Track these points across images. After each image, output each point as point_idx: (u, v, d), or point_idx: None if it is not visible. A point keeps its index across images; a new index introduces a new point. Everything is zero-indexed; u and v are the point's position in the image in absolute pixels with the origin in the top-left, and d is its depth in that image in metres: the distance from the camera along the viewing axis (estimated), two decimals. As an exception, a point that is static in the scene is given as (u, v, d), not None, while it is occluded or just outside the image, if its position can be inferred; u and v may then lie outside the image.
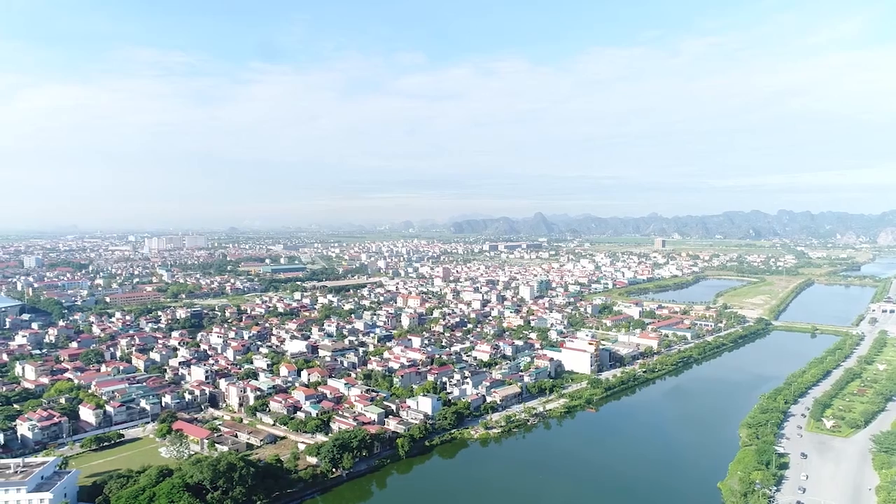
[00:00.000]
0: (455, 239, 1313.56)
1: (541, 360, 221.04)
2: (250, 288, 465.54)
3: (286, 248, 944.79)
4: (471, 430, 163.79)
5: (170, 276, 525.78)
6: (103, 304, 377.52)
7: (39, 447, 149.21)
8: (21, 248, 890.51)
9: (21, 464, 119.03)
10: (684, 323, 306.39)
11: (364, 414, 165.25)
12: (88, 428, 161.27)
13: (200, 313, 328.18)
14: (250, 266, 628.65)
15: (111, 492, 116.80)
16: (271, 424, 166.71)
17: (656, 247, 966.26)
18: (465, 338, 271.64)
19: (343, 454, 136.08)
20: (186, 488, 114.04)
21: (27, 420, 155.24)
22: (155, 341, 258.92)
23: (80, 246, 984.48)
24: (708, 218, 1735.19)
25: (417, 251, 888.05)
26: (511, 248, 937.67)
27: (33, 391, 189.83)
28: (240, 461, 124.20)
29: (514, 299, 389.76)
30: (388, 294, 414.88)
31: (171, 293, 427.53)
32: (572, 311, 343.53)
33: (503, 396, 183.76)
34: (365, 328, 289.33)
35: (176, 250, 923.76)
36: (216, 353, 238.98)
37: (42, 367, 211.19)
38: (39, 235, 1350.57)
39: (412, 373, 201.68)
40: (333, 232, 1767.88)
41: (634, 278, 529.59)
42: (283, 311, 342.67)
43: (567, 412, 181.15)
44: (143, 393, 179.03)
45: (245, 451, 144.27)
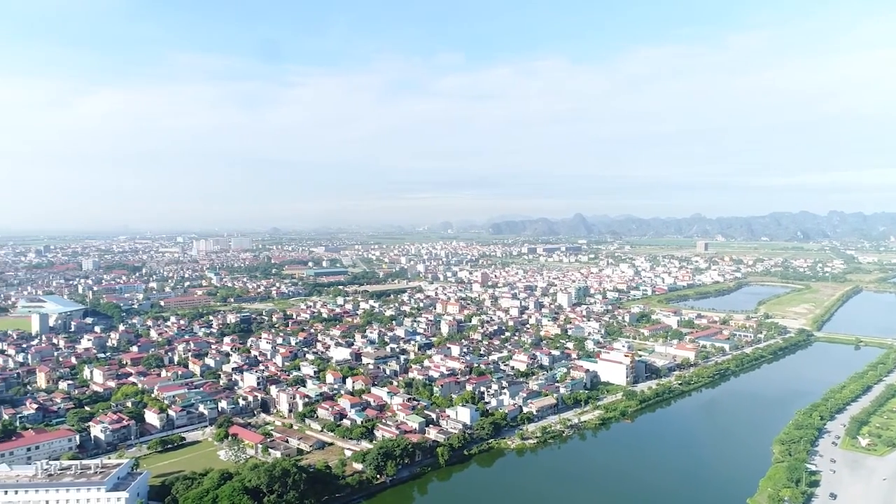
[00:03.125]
0: (493, 240, 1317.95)
1: (577, 372, 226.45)
2: (294, 292, 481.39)
3: (328, 251, 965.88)
4: (507, 441, 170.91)
5: (218, 280, 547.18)
6: (158, 307, 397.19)
7: (111, 448, 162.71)
8: (78, 250, 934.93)
9: (100, 465, 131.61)
10: (723, 333, 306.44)
11: (406, 422, 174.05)
12: (153, 431, 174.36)
13: (249, 318, 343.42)
14: (294, 269, 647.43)
15: (178, 493, 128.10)
16: (319, 430, 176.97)
17: (698, 250, 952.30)
18: (502, 346, 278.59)
19: (387, 461, 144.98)
20: (245, 491, 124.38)
21: (99, 423, 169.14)
22: (209, 346, 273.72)
23: (132, 247, 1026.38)
24: (753, 219, 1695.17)
25: (456, 254, 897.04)
26: (550, 250, 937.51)
27: (102, 394, 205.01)
28: (292, 466, 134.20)
29: (551, 306, 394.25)
30: (428, 300, 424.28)
31: (221, 297, 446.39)
32: (610, 320, 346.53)
33: (539, 407, 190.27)
34: (406, 335, 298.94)
35: (222, 252, 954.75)
36: (266, 360, 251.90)
37: (108, 370, 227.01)
38: (93, 236, 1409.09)
39: (451, 382, 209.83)
40: (373, 233, 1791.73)
41: (674, 284, 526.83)
42: (327, 317, 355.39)
43: (602, 424, 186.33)
44: (202, 398, 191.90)
45: (296, 457, 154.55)
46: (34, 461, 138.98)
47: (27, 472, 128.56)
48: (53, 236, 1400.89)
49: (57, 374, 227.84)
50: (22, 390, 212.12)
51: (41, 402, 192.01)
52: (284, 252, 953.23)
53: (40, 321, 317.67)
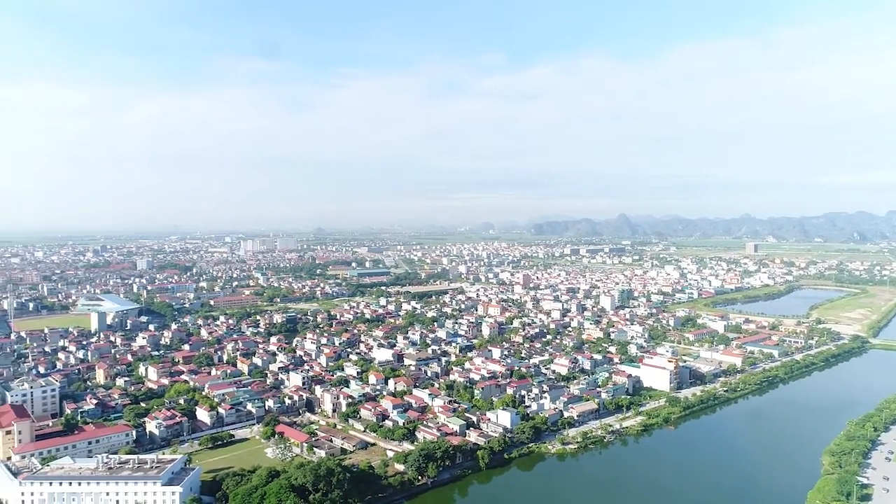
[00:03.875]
0: (535, 241, 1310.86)
1: (619, 376, 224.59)
2: (338, 293, 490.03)
3: (370, 251, 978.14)
4: (548, 445, 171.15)
5: (265, 280, 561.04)
6: (208, 307, 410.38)
7: (164, 443, 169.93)
8: (132, 249, 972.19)
9: (155, 459, 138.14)
10: (772, 339, 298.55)
11: (447, 425, 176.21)
12: (204, 427, 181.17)
13: (295, 318, 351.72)
14: (338, 270, 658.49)
15: (228, 488, 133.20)
16: (362, 431, 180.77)
17: (747, 252, 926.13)
18: (544, 349, 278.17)
19: (428, 463, 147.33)
20: (292, 489, 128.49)
21: (154, 419, 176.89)
22: (256, 346, 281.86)
23: (182, 247, 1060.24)
24: (806, 219, 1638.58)
25: (498, 254, 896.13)
26: (593, 251, 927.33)
27: (156, 391, 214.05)
28: (337, 466, 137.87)
29: (594, 309, 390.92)
30: (469, 301, 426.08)
31: (267, 297, 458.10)
32: (654, 324, 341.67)
33: (580, 412, 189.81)
34: (447, 337, 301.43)
35: (269, 252, 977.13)
36: (311, 360, 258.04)
37: (162, 368, 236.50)
38: (146, 236, 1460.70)
39: (492, 385, 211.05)
40: (415, 233, 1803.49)
41: (722, 287, 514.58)
42: (370, 318, 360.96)
43: (644, 430, 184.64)
44: (250, 397, 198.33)
45: (339, 456, 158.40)
46: (95, 454, 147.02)
47: (89, 464, 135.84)
48: (109, 236, 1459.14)
49: (114, 371, 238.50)
50: (82, 386, 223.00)
51: (100, 398, 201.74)
52: (328, 252, 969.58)
53: (98, 319, 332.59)
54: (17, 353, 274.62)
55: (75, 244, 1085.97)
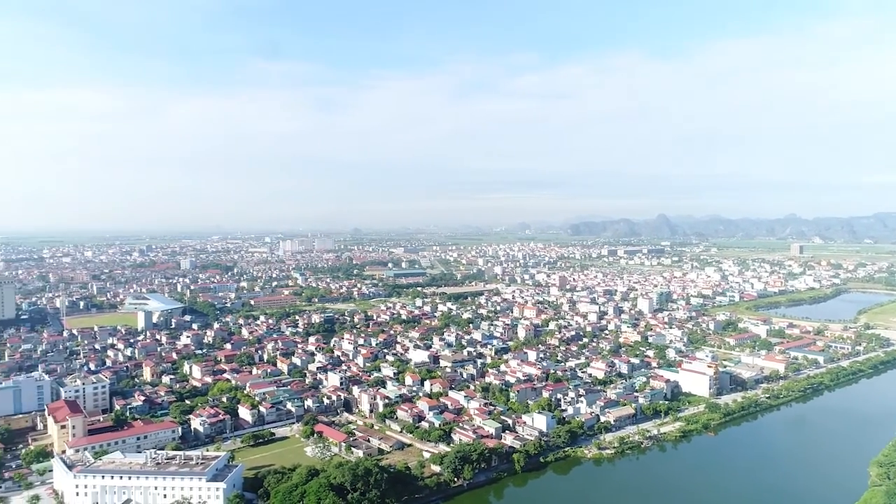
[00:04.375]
0: (572, 242, 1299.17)
1: (657, 381, 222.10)
2: (375, 293, 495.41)
3: (406, 251, 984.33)
4: (584, 449, 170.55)
5: (303, 280, 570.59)
6: (248, 306, 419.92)
7: (208, 440, 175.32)
8: (176, 249, 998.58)
9: (200, 456, 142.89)
10: (817, 345, 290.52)
11: (482, 427, 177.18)
12: (246, 425, 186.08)
13: (332, 318, 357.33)
14: (374, 270, 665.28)
15: (270, 486, 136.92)
16: (398, 431, 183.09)
17: (792, 253, 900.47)
18: (580, 353, 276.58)
19: (464, 465, 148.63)
20: (331, 488, 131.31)
21: (198, 416, 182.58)
22: (295, 345, 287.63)
23: (224, 247, 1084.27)
24: (855, 220, 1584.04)
25: (534, 255, 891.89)
26: (631, 252, 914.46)
27: (200, 389, 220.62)
28: (374, 466, 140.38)
29: (631, 312, 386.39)
30: (505, 303, 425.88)
31: (306, 297, 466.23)
32: (693, 327, 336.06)
33: (617, 417, 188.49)
34: (483, 339, 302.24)
35: (307, 252, 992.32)
36: (348, 360, 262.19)
37: (205, 366, 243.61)
38: (189, 236, 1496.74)
39: (528, 388, 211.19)
40: (451, 233, 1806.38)
41: (764, 290, 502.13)
42: (406, 319, 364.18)
43: (683, 436, 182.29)
44: (289, 396, 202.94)
45: (377, 456, 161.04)
46: (143, 450, 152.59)
47: (138, 459, 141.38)
48: (154, 236, 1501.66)
49: (160, 369, 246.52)
50: (131, 383, 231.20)
51: (147, 395, 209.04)
52: (365, 252, 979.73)
53: (145, 318, 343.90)
54: (69, 350, 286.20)
55: (122, 244, 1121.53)
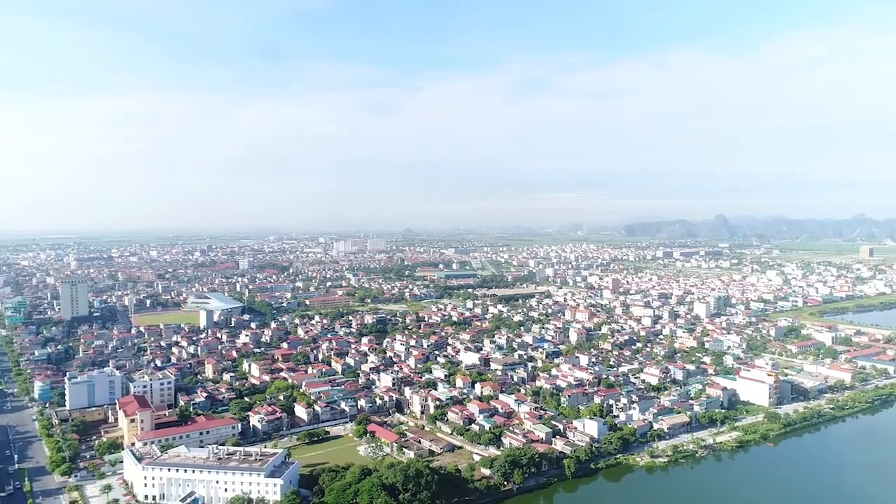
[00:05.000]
0: (626, 243, 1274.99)
1: (713, 389, 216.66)
2: (426, 294, 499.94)
3: (457, 252, 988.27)
4: (636, 457, 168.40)
5: (356, 281, 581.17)
6: (304, 306, 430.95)
7: (266, 437, 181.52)
8: (235, 249, 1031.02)
9: (259, 453, 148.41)
10: (887, 354, 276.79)
11: (533, 431, 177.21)
12: (301, 423, 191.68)
13: (385, 319, 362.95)
14: (426, 271, 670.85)
15: (324, 483, 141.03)
16: (449, 434, 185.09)
17: (862, 256, 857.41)
18: (633, 358, 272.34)
19: (514, 469, 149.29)
20: (383, 488, 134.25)
21: (257, 413, 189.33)
22: (349, 346, 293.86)
23: (280, 248, 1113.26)
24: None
25: (586, 257, 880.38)
26: (687, 255, 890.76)
27: (258, 387, 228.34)
28: (425, 467, 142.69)
29: (687, 316, 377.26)
30: (557, 305, 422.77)
31: (359, 297, 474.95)
32: (752, 333, 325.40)
33: (671, 425, 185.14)
34: (534, 342, 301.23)
35: (360, 253, 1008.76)
36: (400, 361, 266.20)
37: (263, 365, 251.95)
38: (247, 236, 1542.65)
39: (579, 393, 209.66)
40: (502, 234, 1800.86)
41: (830, 295, 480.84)
42: (457, 320, 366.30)
43: (740, 446, 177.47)
44: (343, 396, 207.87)
45: (428, 457, 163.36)
46: (205, 444, 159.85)
47: (201, 454, 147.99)
48: (214, 236, 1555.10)
49: (221, 366, 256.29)
50: (193, 379, 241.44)
51: (209, 391, 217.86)
52: (416, 253, 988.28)
53: (206, 317, 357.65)
54: (137, 346, 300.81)
55: (184, 244, 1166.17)
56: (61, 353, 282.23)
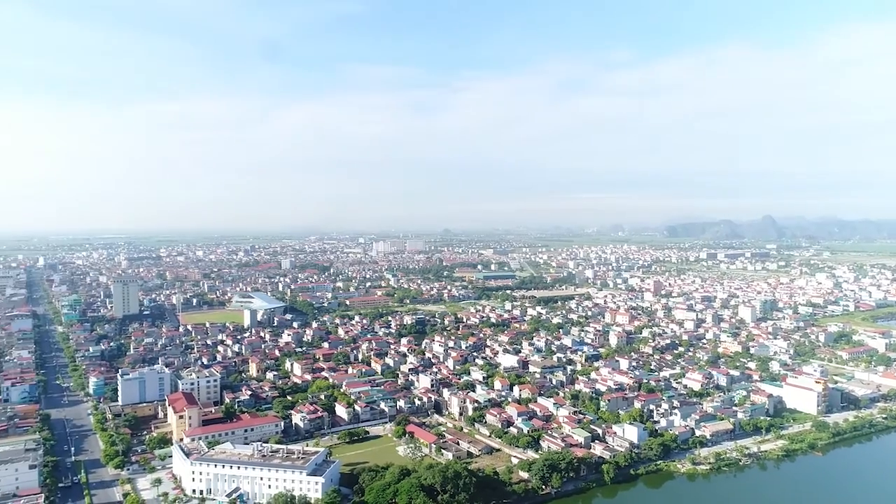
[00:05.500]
0: (668, 244, 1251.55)
1: (758, 396, 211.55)
2: (465, 295, 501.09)
3: (496, 253, 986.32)
4: (677, 464, 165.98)
5: (395, 281, 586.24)
6: (344, 306, 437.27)
7: (308, 435, 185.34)
8: (277, 249, 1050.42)
9: (302, 451, 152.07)
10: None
11: (571, 436, 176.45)
12: (342, 423, 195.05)
13: (424, 320, 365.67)
14: (464, 272, 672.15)
15: (364, 482, 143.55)
16: (487, 436, 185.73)
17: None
18: (675, 362, 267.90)
19: (552, 473, 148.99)
20: (422, 488, 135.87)
21: (299, 412, 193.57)
22: (388, 346, 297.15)
23: (321, 248, 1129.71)
24: None
25: (627, 258, 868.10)
26: (732, 256, 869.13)
27: (300, 385, 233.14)
28: (464, 469, 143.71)
29: (732, 320, 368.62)
30: (596, 308, 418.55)
31: (398, 298, 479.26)
32: (800, 339, 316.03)
33: (713, 432, 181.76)
34: (573, 345, 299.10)
35: (398, 253, 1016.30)
36: (439, 362, 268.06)
37: (305, 364, 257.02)
38: (289, 237, 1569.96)
39: (619, 398, 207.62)
40: (541, 234, 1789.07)
41: (884, 300, 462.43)
42: (496, 322, 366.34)
43: (786, 455, 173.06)
44: (383, 396, 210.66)
45: (466, 459, 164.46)
46: (250, 441, 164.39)
47: (246, 451, 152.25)
48: (257, 236, 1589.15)
49: (264, 365, 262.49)
50: (238, 377, 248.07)
51: (253, 389, 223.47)
52: (455, 254, 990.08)
53: (250, 316, 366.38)
54: (184, 344, 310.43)
55: (228, 244, 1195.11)
56: (114, 350, 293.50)
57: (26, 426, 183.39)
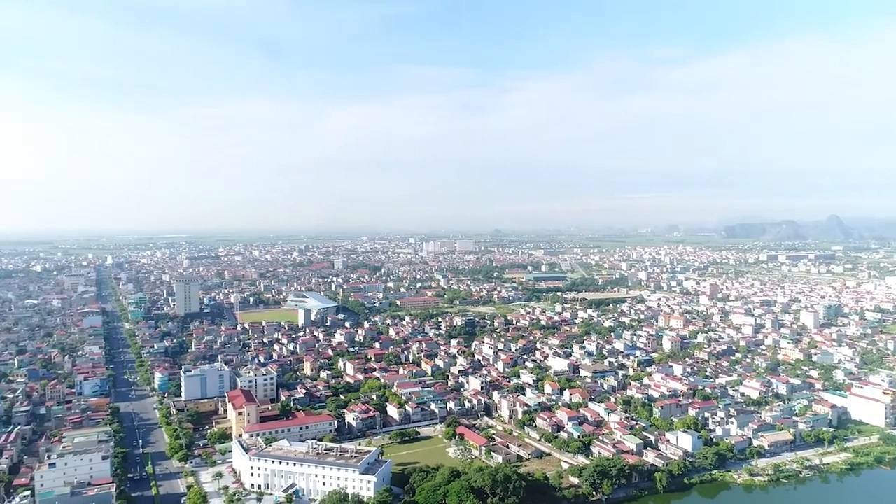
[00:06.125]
0: (726, 245, 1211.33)
1: (821, 406, 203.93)
2: (514, 297, 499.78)
3: (546, 254, 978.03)
4: (733, 474, 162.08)
5: (445, 282, 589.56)
6: (395, 307, 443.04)
7: (360, 434, 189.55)
8: (330, 249, 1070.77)
9: (354, 450, 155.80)
10: None
11: (623, 442, 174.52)
12: (393, 423, 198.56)
13: (473, 322, 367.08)
14: (514, 273, 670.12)
15: (415, 482, 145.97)
16: (537, 440, 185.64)
17: None
18: (731, 369, 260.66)
19: (603, 480, 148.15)
20: (471, 491, 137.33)
21: (352, 411, 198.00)
22: (438, 347, 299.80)
23: (372, 248, 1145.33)
24: None
25: (682, 260, 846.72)
26: (794, 258, 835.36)
27: (352, 385, 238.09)
28: (514, 473, 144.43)
29: (793, 326, 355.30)
30: (650, 311, 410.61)
31: (448, 299, 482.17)
32: (867, 347, 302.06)
33: (772, 442, 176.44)
34: (625, 349, 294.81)
35: (448, 253, 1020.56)
36: (488, 364, 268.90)
37: (357, 364, 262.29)
38: (341, 237, 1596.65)
39: (673, 404, 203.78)
40: (592, 235, 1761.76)
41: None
42: (546, 325, 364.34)
43: (850, 469, 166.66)
44: (433, 397, 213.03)
45: (515, 463, 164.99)
46: (304, 439, 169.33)
47: (301, 448, 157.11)
48: (311, 236, 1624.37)
49: (318, 364, 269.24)
50: (293, 376, 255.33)
51: (308, 388, 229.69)
52: (504, 255, 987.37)
53: (304, 315, 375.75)
54: (242, 342, 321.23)
55: (283, 244, 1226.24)
56: (176, 347, 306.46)
57: (98, 419, 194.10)
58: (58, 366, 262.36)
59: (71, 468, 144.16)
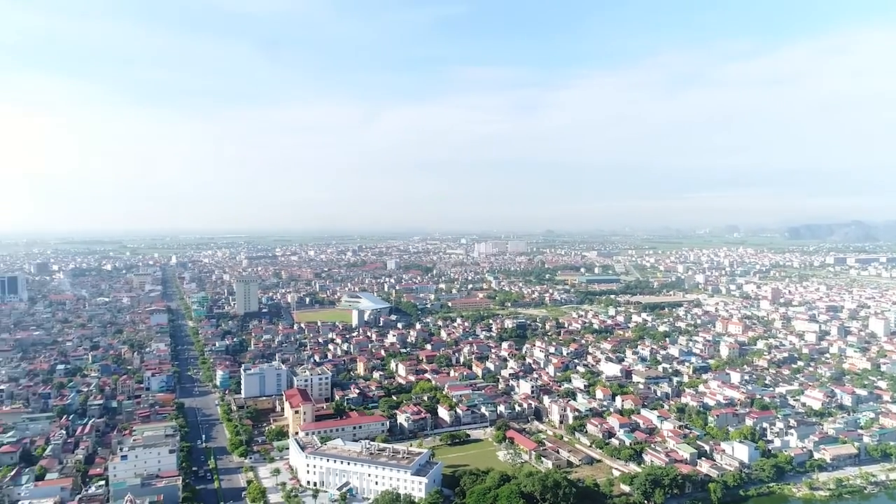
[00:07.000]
0: (790, 247, 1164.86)
1: (889, 418, 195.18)
2: (566, 299, 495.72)
3: (600, 255, 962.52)
4: (792, 487, 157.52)
5: (496, 283, 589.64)
6: (446, 308, 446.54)
7: (411, 435, 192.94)
8: (383, 250, 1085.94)
9: (406, 451, 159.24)
10: None
11: (676, 451, 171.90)
12: (444, 425, 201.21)
13: (524, 325, 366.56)
14: (566, 275, 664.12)
15: (466, 485, 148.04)
16: (588, 446, 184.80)
17: None
18: (793, 378, 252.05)
19: (655, 489, 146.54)
20: (521, 495, 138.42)
21: (403, 412, 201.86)
22: (489, 350, 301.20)
23: (424, 248, 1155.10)
24: None
25: (742, 262, 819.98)
26: (864, 261, 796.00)
27: (404, 386, 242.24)
28: (564, 479, 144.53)
29: (861, 334, 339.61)
30: (707, 316, 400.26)
31: (499, 301, 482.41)
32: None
33: (834, 455, 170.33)
34: (680, 355, 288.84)
35: (500, 254, 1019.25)
36: (539, 368, 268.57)
37: (409, 365, 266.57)
38: (394, 237, 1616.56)
39: (729, 413, 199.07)
40: (648, 236, 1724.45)
41: None
42: (598, 328, 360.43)
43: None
44: (483, 400, 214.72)
45: (566, 468, 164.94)
46: (357, 439, 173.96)
47: (355, 447, 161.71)
48: (364, 236, 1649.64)
49: (371, 364, 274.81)
50: (347, 375, 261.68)
51: (361, 388, 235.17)
52: (557, 256, 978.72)
53: (358, 316, 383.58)
54: (298, 342, 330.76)
55: (337, 244, 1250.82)
56: (236, 345, 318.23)
57: (164, 413, 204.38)
58: (127, 361, 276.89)
59: (141, 460, 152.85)
